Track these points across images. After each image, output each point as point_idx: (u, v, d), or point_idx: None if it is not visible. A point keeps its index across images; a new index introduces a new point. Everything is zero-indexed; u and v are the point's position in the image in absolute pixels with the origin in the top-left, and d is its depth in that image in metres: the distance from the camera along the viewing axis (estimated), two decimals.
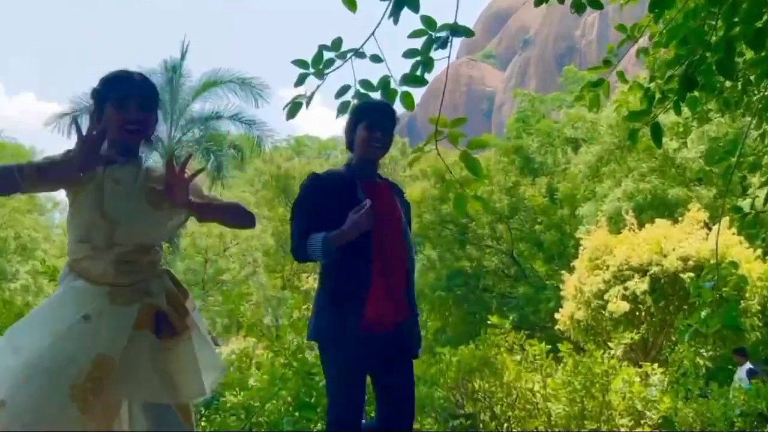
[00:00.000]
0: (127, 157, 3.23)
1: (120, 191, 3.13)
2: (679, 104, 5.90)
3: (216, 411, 5.26)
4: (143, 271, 3.21)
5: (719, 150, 20.87)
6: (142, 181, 3.22)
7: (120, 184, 3.14)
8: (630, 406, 7.09)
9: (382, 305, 4.06)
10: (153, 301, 3.16)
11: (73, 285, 3.11)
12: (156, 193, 3.19)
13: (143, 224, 3.21)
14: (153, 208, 3.21)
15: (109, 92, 3.23)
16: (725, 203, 14.02)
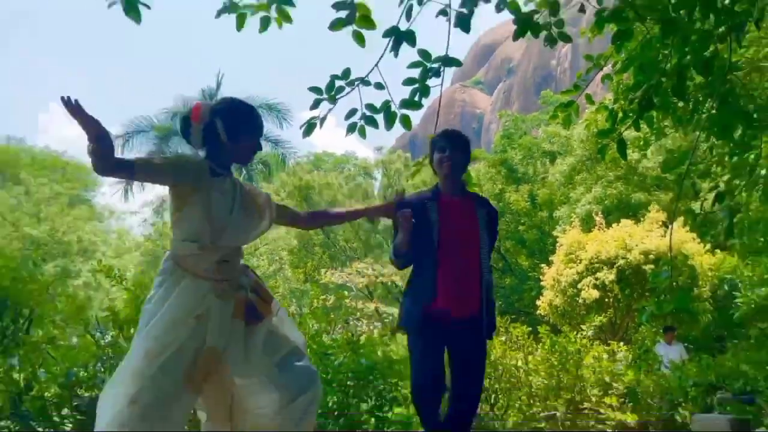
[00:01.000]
0: (226, 172, 3.37)
1: (224, 201, 3.25)
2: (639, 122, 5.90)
3: None
4: (236, 268, 3.32)
5: (674, 160, 20.79)
6: (239, 194, 3.34)
7: (224, 195, 3.26)
8: (599, 379, 7.08)
9: (449, 301, 4.24)
10: (244, 294, 3.26)
11: (184, 284, 3.15)
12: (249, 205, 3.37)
13: (241, 230, 3.33)
14: (247, 216, 3.35)
15: (249, 123, 3.42)
16: (679, 205, 14.02)
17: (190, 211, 3.20)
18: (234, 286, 3.25)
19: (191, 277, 3.16)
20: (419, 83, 4.84)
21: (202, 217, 3.19)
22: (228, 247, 3.27)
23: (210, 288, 3.16)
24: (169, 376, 3.00)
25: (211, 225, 3.19)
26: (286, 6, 5.00)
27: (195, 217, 3.20)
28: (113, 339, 5.15)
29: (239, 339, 3.19)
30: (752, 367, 7.16)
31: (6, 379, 4.49)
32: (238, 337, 3.19)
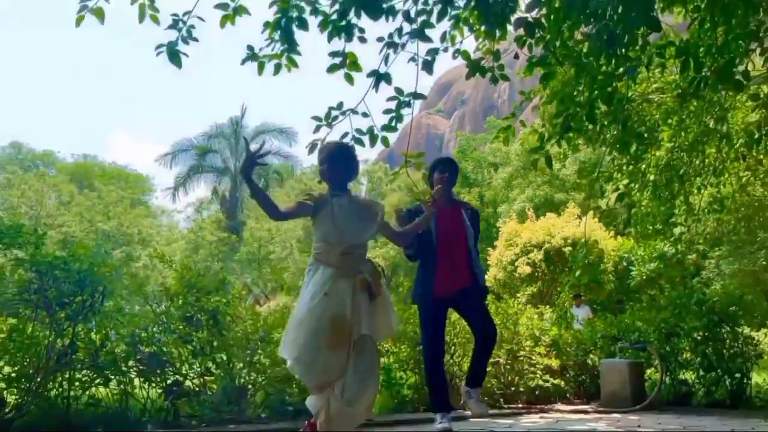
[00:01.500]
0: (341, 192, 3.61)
1: (342, 212, 3.51)
2: (560, 141, 5.92)
3: (267, 343, 5.21)
4: (358, 259, 3.49)
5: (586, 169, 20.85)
6: (353, 205, 3.59)
7: (342, 207, 3.52)
8: (531, 334, 7.09)
9: (446, 282, 4.52)
10: (363, 276, 3.44)
11: (319, 271, 3.41)
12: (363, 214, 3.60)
13: (355, 231, 3.53)
14: (360, 222, 3.56)
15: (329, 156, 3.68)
16: (590, 203, 14.10)
17: (319, 222, 3.51)
18: (355, 271, 3.43)
19: (324, 266, 3.41)
20: (395, 112, 4.86)
21: (329, 225, 3.47)
22: (347, 244, 3.45)
23: (333, 273, 3.38)
24: (318, 338, 3.25)
25: (335, 229, 3.46)
26: (293, 55, 5.00)
27: (324, 225, 3.49)
28: (166, 308, 5.13)
29: (365, 307, 3.41)
30: (644, 323, 7.21)
31: (86, 339, 4.47)
32: (364, 306, 3.40)
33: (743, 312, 7.05)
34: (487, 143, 31.79)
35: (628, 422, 5.54)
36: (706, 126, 7.99)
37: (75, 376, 4.39)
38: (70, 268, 4.29)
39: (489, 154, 30.42)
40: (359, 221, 3.57)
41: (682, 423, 5.45)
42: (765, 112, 7.21)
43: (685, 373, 7.03)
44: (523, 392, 6.77)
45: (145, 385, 4.73)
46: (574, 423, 5.49)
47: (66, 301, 4.28)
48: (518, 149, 23.17)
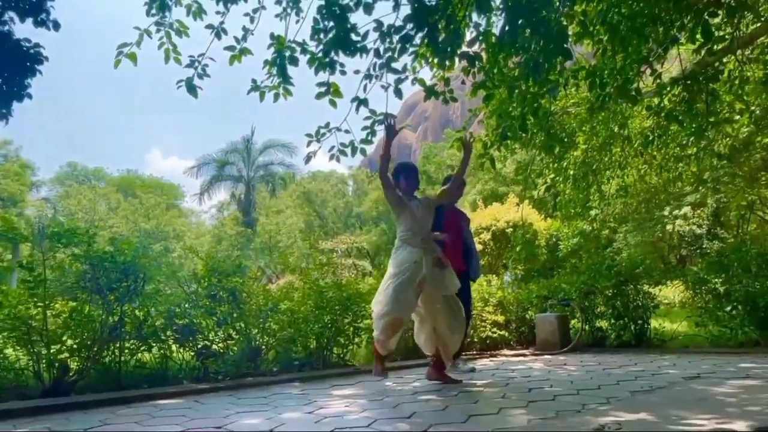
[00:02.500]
0: (413, 196, 4.14)
1: (418, 209, 4.01)
2: (500, 147, 5.96)
3: (275, 313, 5.21)
4: (430, 242, 3.97)
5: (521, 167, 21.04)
6: (423, 205, 4.07)
7: (418, 206, 4.03)
8: (483, 297, 7.16)
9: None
10: (436, 254, 3.92)
11: (407, 249, 3.87)
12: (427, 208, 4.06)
13: (427, 222, 4.03)
14: (429, 215, 4.06)
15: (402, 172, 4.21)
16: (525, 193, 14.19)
17: (405, 216, 3.96)
18: (431, 250, 3.90)
19: (410, 246, 3.88)
20: (370, 129, 4.85)
21: (412, 219, 3.95)
22: (423, 231, 3.94)
23: (420, 251, 3.84)
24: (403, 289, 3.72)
25: (415, 221, 3.93)
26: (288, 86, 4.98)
27: (408, 218, 3.96)
28: (195, 289, 5.10)
29: (437, 275, 3.85)
30: (568, 285, 7.30)
31: (132, 316, 4.43)
32: (436, 274, 3.84)
33: (644, 273, 7.16)
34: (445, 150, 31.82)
35: (557, 362, 5.65)
36: (612, 131, 8.11)
37: (124, 345, 4.35)
38: (116, 260, 4.25)
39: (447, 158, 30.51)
40: (428, 215, 4.03)
41: (598, 360, 5.56)
42: (656, 119, 7.32)
43: (600, 321, 7.15)
44: (477, 342, 6.85)
45: (180, 349, 4.72)
46: (516, 363, 5.57)
47: (114, 286, 4.24)
48: None
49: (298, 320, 5.23)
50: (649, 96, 7.02)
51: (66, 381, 3.88)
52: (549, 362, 5.62)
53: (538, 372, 4.77)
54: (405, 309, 3.76)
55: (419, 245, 3.88)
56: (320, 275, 5.93)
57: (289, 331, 5.15)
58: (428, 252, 3.88)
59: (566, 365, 5.25)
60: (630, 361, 5.33)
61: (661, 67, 6.07)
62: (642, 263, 7.26)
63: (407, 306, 3.76)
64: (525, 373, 4.74)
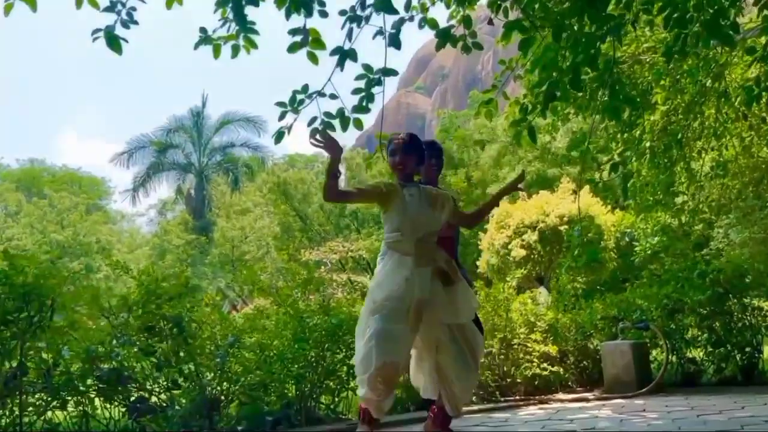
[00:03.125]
0: (408, 182, 3.84)
1: (414, 201, 3.75)
2: (546, 111, 5.93)
3: (238, 349, 5.21)
4: (431, 247, 3.77)
5: (577, 140, 21.04)
6: (423, 195, 3.81)
7: (413, 196, 3.76)
8: (526, 320, 7.14)
9: None
10: (440, 264, 3.73)
11: (394, 258, 3.70)
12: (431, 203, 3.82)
13: (427, 220, 3.78)
14: (432, 210, 3.80)
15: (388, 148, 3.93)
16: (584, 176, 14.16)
17: (393, 211, 3.74)
18: (431, 259, 3.71)
19: (399, 254, 3.69)
20: (365, 91, 4.85)
21: (401, 214, 3.71)
22: (420, 233, 3.72)
23: (412, 260, 3.64)
24: (392, 318, 3.50)
25: (407, 218, 3.71)
26: (251, 35, 4.97)
27: (397, 215, 3.73)
28: (125, 320, 5.10)
29: (441, 295, 3.67)
30: (645, 300, 7.28)
31: (36, 358, 4.43)
32: (440, 293, 3.67)
33: (753, 283, 7.10)
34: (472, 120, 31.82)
35: (633, 407, 5.61)
36: (703, 85, 8.06)
37: (27, 400, 4.34)
38: (12, 282, 4.25)
39: (474, 131, 30.44)
40: (431, 211, 3.81)
41: (690, 404, 5.53)
42: (764, 67, 7.27)
43: (692, 350, 7.11)
44: (521, 383, 6.83)
45: (106, 404, 4.71)
46: (576, 412, 5.55)
47: (10, 318, 4.25)
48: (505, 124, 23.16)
49: (271, 359, 5.20)
50: (753, 34, 6.97)
51: None
52: (621, 408, 5.58)
53: (607, 422, 4.74)
54: (399, 350, 3.55)
55: (412, 252, 3.68)
56: (302, 296, 5.92)
57: (258, 374, 5.12)
58: (426, 262, 3.68)
59: (645, 412, 5.21)
60: (735, 404, 5.29)
61: None
62: (750, 269, 7.22)
63: (402, 344, 3.57)
64: (588, 424, 4.71)
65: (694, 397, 6.08)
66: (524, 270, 15.36)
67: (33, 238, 35.73)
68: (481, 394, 6.43)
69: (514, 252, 15.77)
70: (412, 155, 3.86)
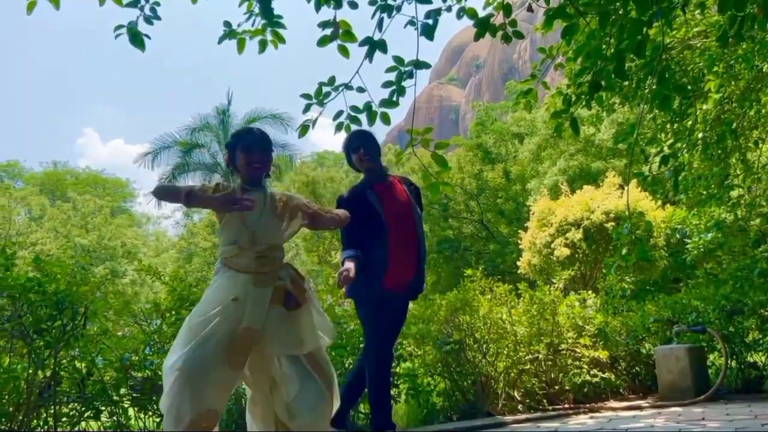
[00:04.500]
0: (255, 186, 3.43)
1: (255, 210, 3.27)
2: (590, 102, 5.90)
3: None
4: (275, 263, 3.33)
5: (623, 131, 20.76)
6: (269, 202, 3.40)
7: (258, 202, 3.29)
8: (574, 324, 7.11)
9: (400, 272, 4.41)
10: (282, 284, 3.27)
11: (227, 275, 3.27)
12: (278, 210, 3.41)
13: (272, 231, 3.36)
14: (278, 220, 3.39)
15: (239, 142, 3.48)
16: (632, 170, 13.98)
17: (229, 221, 3.33)
18: (273, 278, 3.27)
19: (233, 271, 3.26)
20: (396, 84, 4.86)
21: (238, 224, 3.29)
22: (262, 245, 3.29)
23: (249, 279, 3.21)
24: (208, 349, 3.00)
25: (246, 229, 3.29)
26: (279, 29, 5.03)
27: (233, 226, 3.32)
28: (157, 327, 5.18)
29: (280, 321, 3.21)
30: (702, 302, 7.20)
31: (70, 368, 4.53)
32: (279, 320, 3.21)
33: None
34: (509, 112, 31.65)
35: (691, 416, 5.55)
36: (759, 71, 7.93)
37: (61, 410, 4.44)
38: (45, 290, 4.35)
39: (512, 124, 30.30)
40: (275, 221, 3.41)
41: (753, 412, 5.45)
42: None
43: (753, 355, 7.02)
44: (569, 390, 6.81)
45: (140, 414, 4.78)
46: (629, 421, 5.50)
47: (44, 327, 4.34)
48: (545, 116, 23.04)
49: None
50: None
51: None
52: (678, 417, 5.53)
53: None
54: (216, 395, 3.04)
55: (250, 269, 3.25)
56: (335, 301, 5.96)
57: None
58: (266, 281, 3.25)
59: (704, 420, 5.16)
60: None
61: None
62: None
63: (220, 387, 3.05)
64: None
65: (756, 404, 5.99)
66: (571, 271, 15.20)
67: (57, 243, 36.42)
68: (527, 403, 6.41)
69: (557, 251, 15.61)
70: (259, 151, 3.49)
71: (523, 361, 6.56)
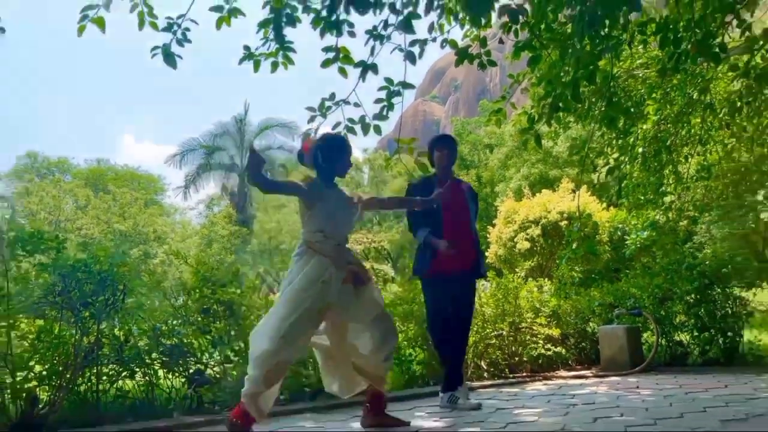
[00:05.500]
0: (332, 183, 3.62)
1: (336, 205, 3.49)
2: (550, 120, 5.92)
3: None
4: (347, 251, 3.52)
5: (577, 145, 20.84)
6: (343, 198, 3.58)
7: (336, 201, 3.52)
8: (532, 306, 7.14)
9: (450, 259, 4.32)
10: (352, 267, 3.45)
11: (314, 258, 3.35)
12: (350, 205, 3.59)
13: (347, 222, 3.57)
14: (349, 213, 3.57)
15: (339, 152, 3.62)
16: (582, 177, 14.06)
17: (316, 212, 3.44)
18: (345, 261, 3.42)
19: (318, 255, 3.36)
20: (386, 101, 4.88)
21: (326, 216, 3.43)
22: (340, 235, 3.48)
23: (330, 262, 3.34)
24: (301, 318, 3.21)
25: (331, 220, 3.43)
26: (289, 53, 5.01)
27: (319, 216, 3.43)
28: (183, 301, 5.17)
29: (351, 296, 3.39)
30: (638, 289, 7.24)
31: (110, 335, 4.52)
32: (350, 295, 3.38)
33: (733, 273, 7.06)
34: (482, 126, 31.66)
35: (628, 384, 5.60)
36: (690, 98, 7.97)
37: (102, 370, 4.43)
38: (90, 270, 4.33)
39: (484, 136, 30.35)
40: (348, 214, 3.56)
41: (678, 382, 5.50)
42: (745, 81, 7.18)
43: (679, 334, 7.07)
44: (527, 361, 6.84)
45: (168, 375, 4.77)
46: (576, 388, 5.54)
47: (89, 301, 4.32)
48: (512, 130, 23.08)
49: None
50: (737, 53, 6.87)
51: (35, 414, 3.97)
52: (617, 385, 5.57)
53: (604, 398, 4.73)
54: (298, 350, 3.33)
55: (332, 253, 3.39)
56: None
57: None
58: (341, 264, 3.40)
59: (639, 389, 5.20)
60: (718, 382, 5.27)
61: (751, 16, 5.94)
62: (731, 261, 7.16)
63: (302, 346, 3.38)
64: (588, 399, 4.71)
65: (681, 376, 6.04)
66: (531, 261, 15.24)
67: (99, 228, 36.21)
68: (492, 371, 6.45)
69: (519, 245, 15.66)
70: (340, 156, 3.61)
71: (489, 337, 6.58)
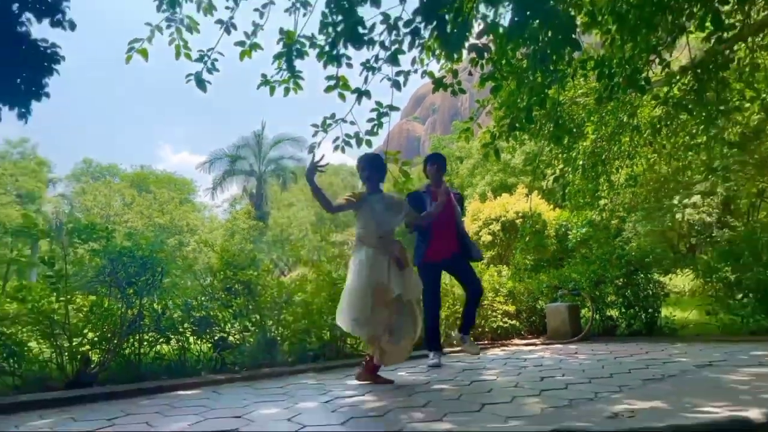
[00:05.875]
0: (375, 191, 3.84)
1: (378, 207, 3.73)
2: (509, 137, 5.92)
3: (289, 305, 5.23)
4: (389, 241, 3.68)
5: (530, 158, 20.91)
6: (385, 201, 3.79)
7: (378, 203, 3.75)
8: (493, 287, 7.13)
9: (439, 249, 4.79)
10: (394, 254, 3.63)
11: (363, 250, 3.61)
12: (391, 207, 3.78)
13: (387, 221, 3.71)
14: (391, 214, 3.75)
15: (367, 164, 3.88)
16: (534, 184, 14.09)
17: (363, 214, 3.71)
18: (389, 250, 3.62)
19: (366, 247, 3.62)
20: (376, 120, 4.87)
21: (369, 216, 3.68)
22: (381, 229, 3.66)
23: (376, 251, 3.58)
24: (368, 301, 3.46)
25: (373, 220, 3.66)
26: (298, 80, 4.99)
27: (365, 217, 3.70)
28: (210, 282, 5.14)
29: (397, 276, 3.58)
30: (578, 275, 7.26)
31: (150, 309, 4.49)
32: (397, 275, 3.58)
33: (654, 262, 7.10)
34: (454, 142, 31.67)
35: (568, 351, 5.63)
36: (621, 121, 8.03)
37: (143, 337, 4.41)
38: (134, 255, 4.30)
39: (456, 150, 30.35)
40: (389, 213, 3.74)
41: (609, 349, 5.54)
42: (665, 108, 7.24)
43: (610, 311, 7.10)
44: (488, 332, 6.85)
45: (197, 341, 4.77)
46: (527, 353, 5.56)
47: (133, 280, 4.29)
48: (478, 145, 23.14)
49: (312, 312, 5.24)
50: (658, 85, 6.93)
51: (88, 373, 3.94)
52: (560, 351, 5.60)
53: (550, 361, 4.76)
54: (372, 327, 3.52)
55: (376, 244, 3.63)
56: (333, 267, 5.94)
57: (304, 323, 5.17)
58: (385, 251, 3.62)
59: (577, 354, 5.23)
60: (641, 349, 5.31)
61: (670, 56, 6.00)
62: (652, 252, 7.20)
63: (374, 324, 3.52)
64: (537, 362, 4.73)
65: (611, 344, 6.08)
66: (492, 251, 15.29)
67: (142, 221, 35.96)
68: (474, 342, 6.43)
69: (483, 238, 15.72)
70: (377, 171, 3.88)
71: (458, 312, 6.58)
